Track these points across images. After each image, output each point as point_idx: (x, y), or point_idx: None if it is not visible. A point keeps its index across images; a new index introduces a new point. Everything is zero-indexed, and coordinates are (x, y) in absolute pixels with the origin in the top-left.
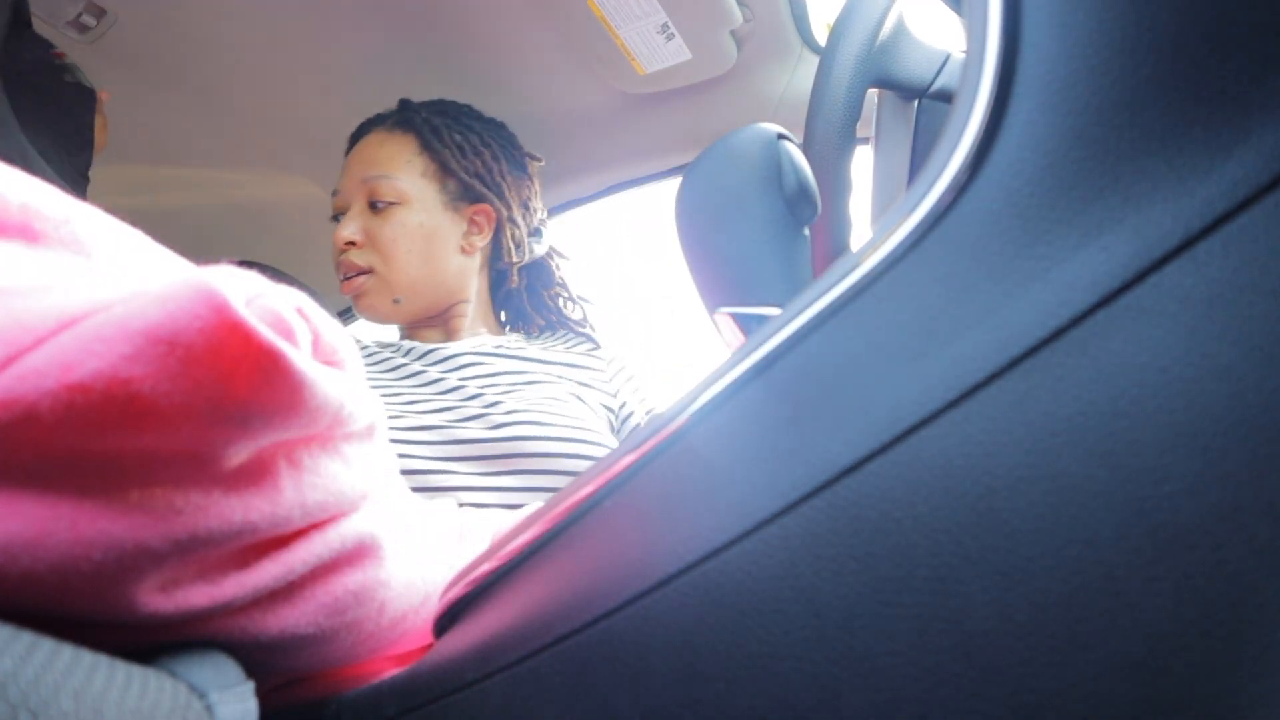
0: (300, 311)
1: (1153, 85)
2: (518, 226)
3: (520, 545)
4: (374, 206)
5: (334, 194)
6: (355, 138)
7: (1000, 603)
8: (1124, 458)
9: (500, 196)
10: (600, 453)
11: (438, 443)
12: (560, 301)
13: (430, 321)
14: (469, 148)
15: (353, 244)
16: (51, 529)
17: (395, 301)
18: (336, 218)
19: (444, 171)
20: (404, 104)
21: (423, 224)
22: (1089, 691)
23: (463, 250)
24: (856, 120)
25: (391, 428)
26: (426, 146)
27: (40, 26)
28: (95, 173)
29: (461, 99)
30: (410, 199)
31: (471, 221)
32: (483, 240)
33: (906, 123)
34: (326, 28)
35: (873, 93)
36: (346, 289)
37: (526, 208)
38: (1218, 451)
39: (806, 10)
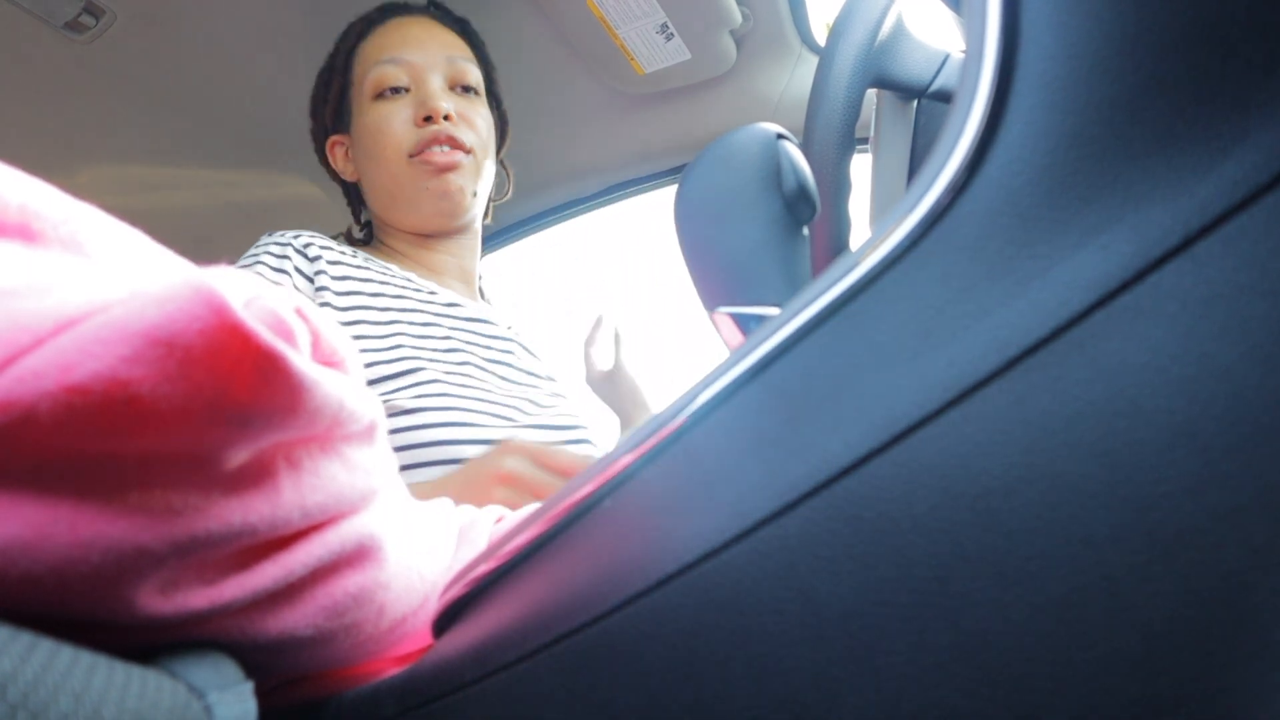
0: (299, 312)
1: (1152, 84)
2: (502, 164)
3: (519, 545)
4: (462, 90)
5: (385, 62)
6: (392, 13)
7: (998, 603)
8: (1122, 458)
9: (506, 123)
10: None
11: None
12: None
13: (453, 244)
14: (493, 69)
15: (449, 118)
16: (50, 531)
17: (474, 194)
18: (388, 92)
19: (488, 83)
20: (439, 4)
21: (490, 123)
22: (1088, 691)
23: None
24: (856, 120)
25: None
26: (479, 55)
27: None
28: (95, 173)
29: None
30: (482, 94)
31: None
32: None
33: (906, 123)
34: (326, 27)
35: (872, 93)
36: (442, 160)
37: None
38: (1217, 452)
39: (806, 10)
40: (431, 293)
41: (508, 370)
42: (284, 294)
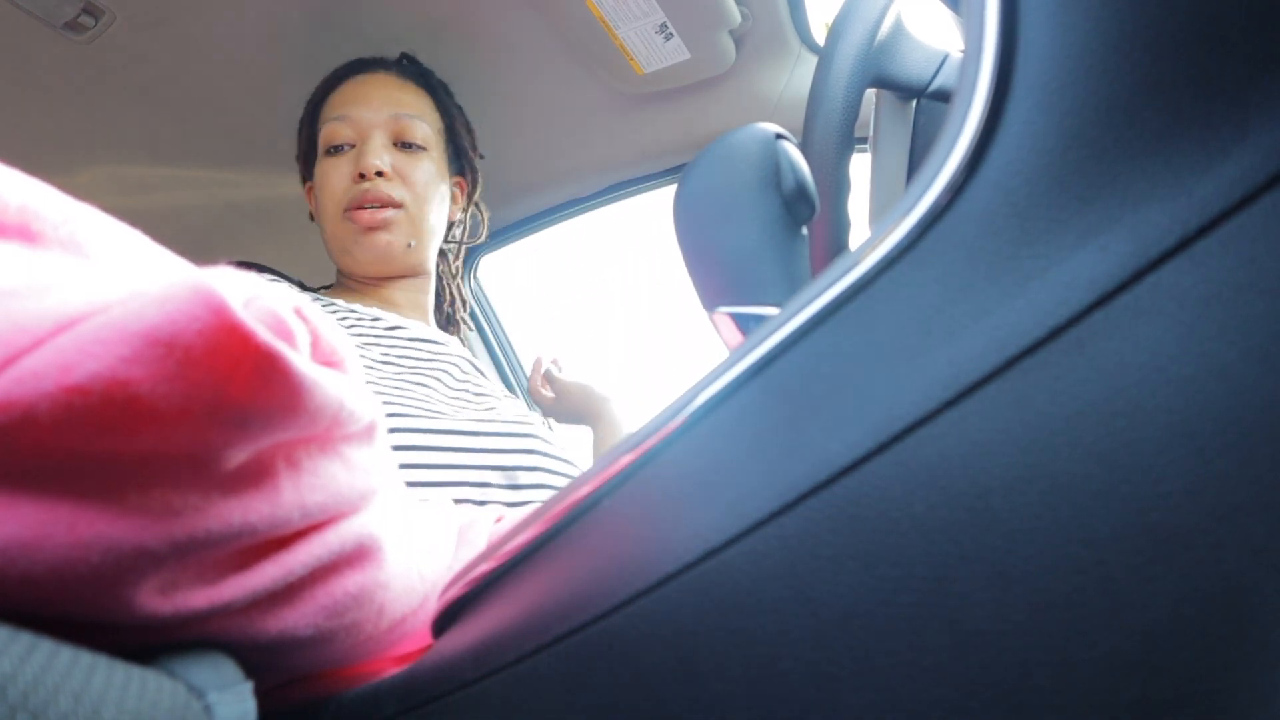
0: (299, 312)
1: (1151, 85)
2: (477, 206)
3: (519, 545)
4: (403, 146)
5: (334, 119)
6: (356, 70)
7: (998, 603)
8: (1122, 458)
9: (475, 171)
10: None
11: (470, 449)
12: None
13: (406, 283)
14: (463, 116)
15: (382, 175)
16: (49, 531)
17: (409, 245)
18: (333, 150)
19: (448, 133)
20: (410, 58)
21: (435, 177)
22: (1087, 691)
23: (449, 215)
24: (855, 120)
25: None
26: (440, 105)
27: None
28: (95, 173)
29: (459, 99)
30: (431, 148)
31: (450, 192)
32: (457, 211)
33: (905, 122)
34: (325, 28)
35: (871, 92)
36: (368, 219)
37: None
38: (1216, 451)
39: (805, 10)
40: (375, 319)
41: (450, 380)
42: (283, 294)
